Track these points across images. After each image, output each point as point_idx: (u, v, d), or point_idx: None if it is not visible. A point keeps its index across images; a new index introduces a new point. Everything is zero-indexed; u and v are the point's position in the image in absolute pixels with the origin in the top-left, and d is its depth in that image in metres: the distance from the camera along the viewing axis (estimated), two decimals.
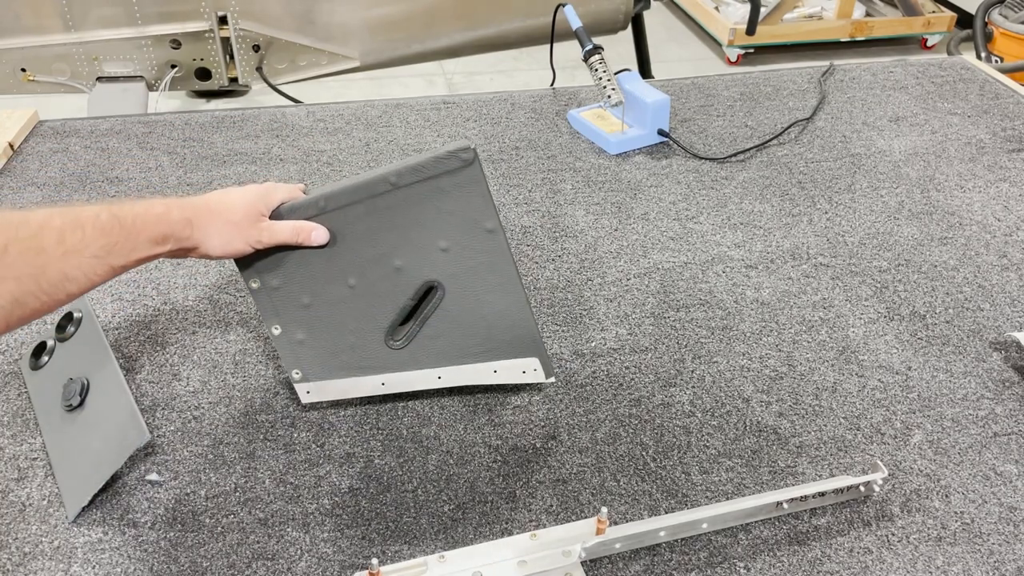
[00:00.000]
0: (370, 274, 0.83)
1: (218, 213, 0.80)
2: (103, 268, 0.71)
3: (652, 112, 1.34)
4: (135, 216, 0.73)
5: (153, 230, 0.74)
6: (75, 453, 0.82)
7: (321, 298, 0.84)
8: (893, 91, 1.54)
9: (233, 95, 2.95)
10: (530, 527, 0.76)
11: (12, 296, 0.64)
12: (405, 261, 0.83)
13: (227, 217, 0.80)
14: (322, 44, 2.09)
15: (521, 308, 0.84)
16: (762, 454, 0.84)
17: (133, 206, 0.74)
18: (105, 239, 0.70)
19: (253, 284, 0.83)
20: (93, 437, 0.82)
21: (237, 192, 0.82)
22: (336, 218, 0.81)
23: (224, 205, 0.80)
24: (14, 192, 1.24)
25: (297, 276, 0.83)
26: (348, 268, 0.83)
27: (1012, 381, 0.93)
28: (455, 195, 0.80)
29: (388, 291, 0.84)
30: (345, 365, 0.86)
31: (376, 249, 0.82)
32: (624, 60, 1.86)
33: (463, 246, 0.82)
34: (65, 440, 0.83)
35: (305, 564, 0.73)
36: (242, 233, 0.80)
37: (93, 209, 0.72)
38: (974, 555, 0.74)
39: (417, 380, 0.87)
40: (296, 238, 0.81)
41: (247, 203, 0.81)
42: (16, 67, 1.98)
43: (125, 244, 0.72)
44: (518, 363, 0.87)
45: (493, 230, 0.81)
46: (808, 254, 1.12)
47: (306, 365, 0.85)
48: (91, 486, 0.78)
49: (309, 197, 0.82)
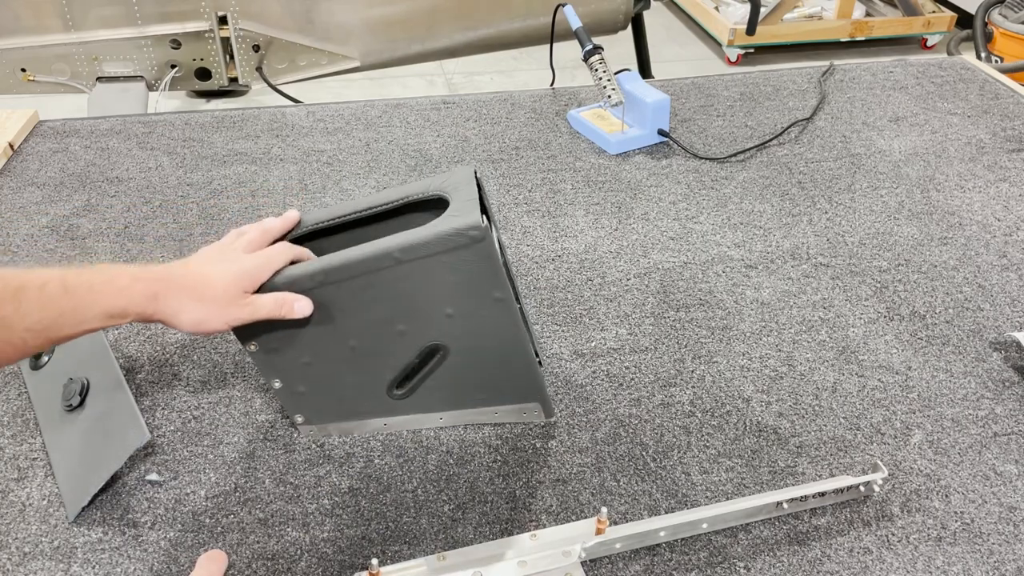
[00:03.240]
0: (372, 336, 0.80)
1: (191, 289, 0.72)
2: (39, 340, 0.66)
3: (652, 112, 1.34)
4: (91, 287, 0.67)
5: (109, 303, 0.68)
6: (75, 453, 0.82)
7: (321, 357, 0.81)
8: (893, 91, 1.54)
9: (233, 95, 2.96)
10: (530, 527, 0.76)
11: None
12: (408, 326, 0.79)
13: (201, 294, 0.72)
14: (322, 44, 2.09)
15: (526, 362, 0.82)
16: (762, 454, 0.84)
17: (93, 275, 0.68)
18: (45, 313, 0.65)
19: (251, 348, 0.79)
20: (93, 437, 0.82)
21: (220, 267, 0.74)
22: (336, 290, 0.77)
23: (201, 281, 0.73)
24: (14, 192, 1.24)
25: (296, 340, 0.79)
26: (349, 332, 0.79)
27: (1012, 381, 0.93)
28: (464, 270, 0.75)
29: (390, 352, 0.81)
30: (347, 411, 0.85)
31: (378, 315, 0.78)
32: (624, 60, 1.86)
33: (470, 313, 0.78)
34: (65, 440, 0.83)
35: (305, 564, 0.73)
36: (218, 313, 0.72)
37: (42, 276, 0.66)
38: (974, 555, 0.74)
39: (419, 422, 0.86)
40: (279, 311, 0.74)
41: (228, 282, 0.73)
42: (16, 67, 1.98)
43: (72, 317, 0.66)
44: (519, 407, 0.86)
45: (502, 299, 0.77)
46: (808, 254, 1.12)
47: (308, 412, 0.84)
48: (91, 486, 0.78)
49: (308, 269, 0.76)
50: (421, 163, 1.32)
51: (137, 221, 1.18)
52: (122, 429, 0.80)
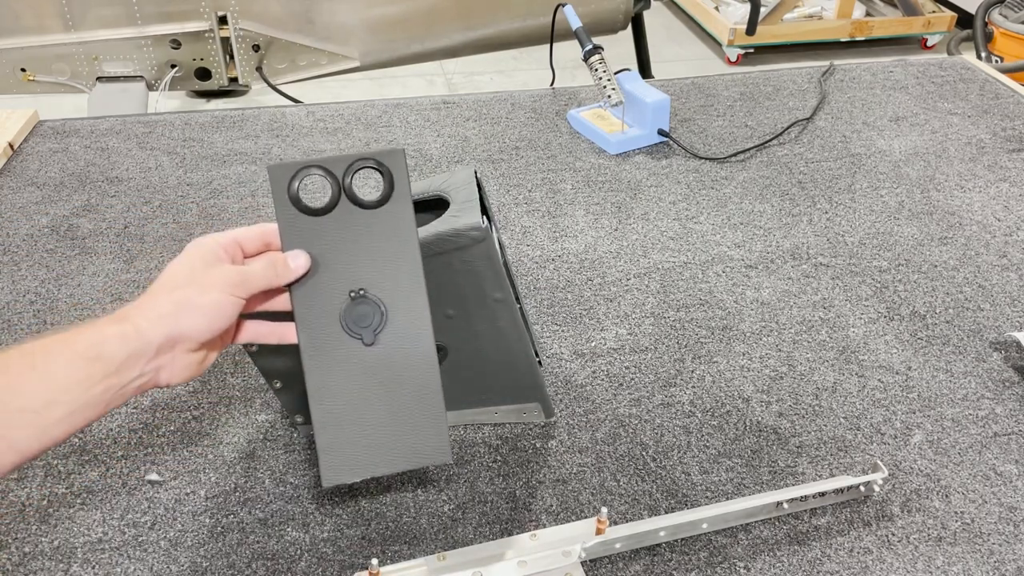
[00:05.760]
0: None
1: (153, 291, 0.62)
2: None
3: (652, 112, 1.34)
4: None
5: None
6: (352, 406, 0.64)
7: None
8: (893, 91, 1.54)
9: (233, 95, 2.96)
10: (530, 527, 0.76)
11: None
12: None
13: (164, 285, 0.61)
14: (322, 44, 2.09)
15: (527, 362, 0.82)
16: (762, 454, 0.84)
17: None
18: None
19: (251, 348, 0.77)
20: (382, 398, 0.64)
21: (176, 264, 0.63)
22: None
23: (159, 280, 0.62)
24: (14, 192, 1.24)
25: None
26: None
27: (1012, 381, 0.93)
28: (464, 270, 0.75)
29: None
30: None
31: None
32: (624, 60, 1.86)
33: (469, 313, 0.78)
34: (337, 380, 0.64)
35: (305, 564, 0.73)
36: (199, 289, 0.60)
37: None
38: (974, 555, 0.74)
39: None
40: (273, 273, 0.64)
41: (192, 261, 0.62)
42: (16, 67, 1.98)
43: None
44: (519, 407, 0.86)
45: (502, 300, 0.77)
46: (808, 254, 1.12)
47: (308, 412, 0.84)
48: (361, 467, 0.64)
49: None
50: (421, 163, 1.32)
51: (137, 221, 1.18)
52: (420, 423, 0.64)
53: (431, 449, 0.65)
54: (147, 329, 0.59)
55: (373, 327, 0.65)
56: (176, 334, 0.60)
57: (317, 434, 0.65)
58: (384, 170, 0.66)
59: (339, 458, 0.65)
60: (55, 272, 1.07)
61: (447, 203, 0.77)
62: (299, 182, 0.65)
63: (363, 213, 0.66)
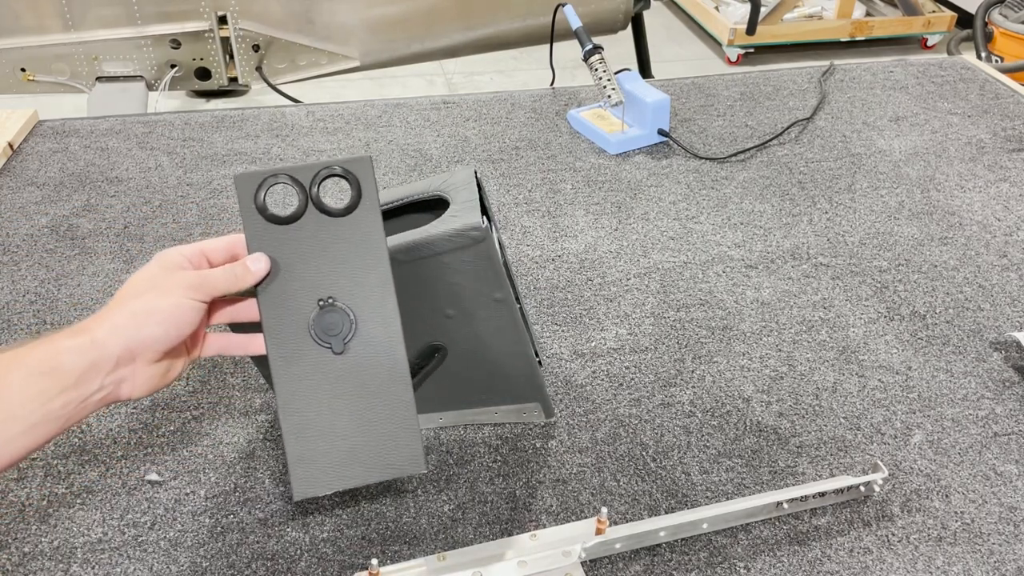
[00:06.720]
0: None
1: (116, 301, 0.61)
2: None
3: (652, 112, 1.34)
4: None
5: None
6: (320, 414, 0.63)
7: None
8: (893, 91, 1.54)
9: (233, 95, 2.96)
10: (530, 527, 0.76)
11: None
12: (408, 327, 0.77)
13: (126, 294, 0.61)
14: (322, 44, 2.09)
15: (527, 362, 0.81)
16: (762, 454, 0.84)
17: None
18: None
19: None
20: (349, 406, 0.63)
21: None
22: None
23: (121, 291, 0.62)
24: (14, 192, 1.24)
25: None
26: None
27: (1012, 381, 0.93)
28: (464, 271, 0.74)
29: None
30: None
31: None
32: (624, 60, 1.86)
33: (469, 314, 0.78)
34: (305, 387, 0.63)
35: (305, 564, 0.73)
36: (162, 292, 0.60)
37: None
38: (974, 555, 0.74)
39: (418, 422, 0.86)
40: (233, 278, 0.63)
41: (152, 270, 0.62)
42: (16, 67, 1.98)
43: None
44: (519, 407, 0.86)
45: (502, 300, 0.76)
46: (808, 254, 1.12)
47: None
48: (331, 479, 0.64)
49: None
50: (421, 163, 1.32)
51: (137, 221, 1.18)
52: (393, 433, 0.63)
53: (405, 459, 0.65)
54: (105, 340, 0.58)
55: (342, 335, 0.65)
56: (135, 344, 0.59)
57: (287, 445, 0.64)
58: (351, 178, 0.66)
59: (310, 470, 0.64)
60: (55, 272, 1.07)
61: (447, 203, 0.77)
62: (265, 191, 0.65)
63: (331, 221, 0.66)
